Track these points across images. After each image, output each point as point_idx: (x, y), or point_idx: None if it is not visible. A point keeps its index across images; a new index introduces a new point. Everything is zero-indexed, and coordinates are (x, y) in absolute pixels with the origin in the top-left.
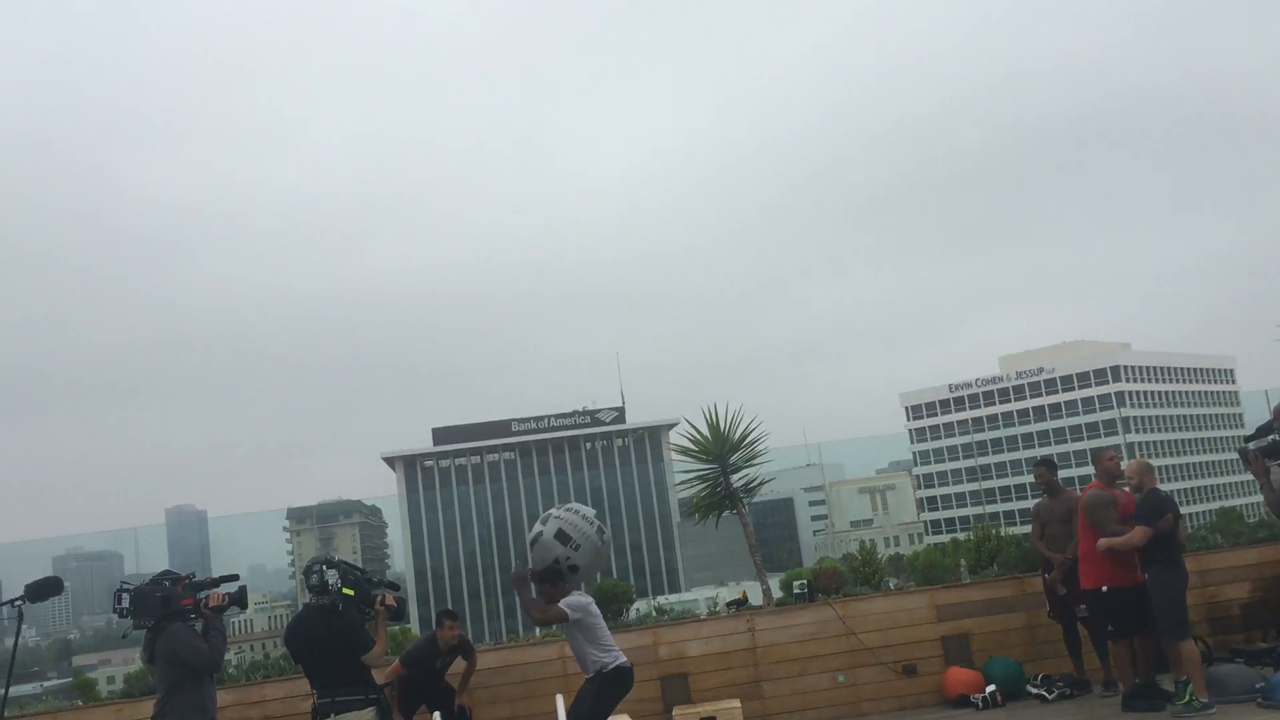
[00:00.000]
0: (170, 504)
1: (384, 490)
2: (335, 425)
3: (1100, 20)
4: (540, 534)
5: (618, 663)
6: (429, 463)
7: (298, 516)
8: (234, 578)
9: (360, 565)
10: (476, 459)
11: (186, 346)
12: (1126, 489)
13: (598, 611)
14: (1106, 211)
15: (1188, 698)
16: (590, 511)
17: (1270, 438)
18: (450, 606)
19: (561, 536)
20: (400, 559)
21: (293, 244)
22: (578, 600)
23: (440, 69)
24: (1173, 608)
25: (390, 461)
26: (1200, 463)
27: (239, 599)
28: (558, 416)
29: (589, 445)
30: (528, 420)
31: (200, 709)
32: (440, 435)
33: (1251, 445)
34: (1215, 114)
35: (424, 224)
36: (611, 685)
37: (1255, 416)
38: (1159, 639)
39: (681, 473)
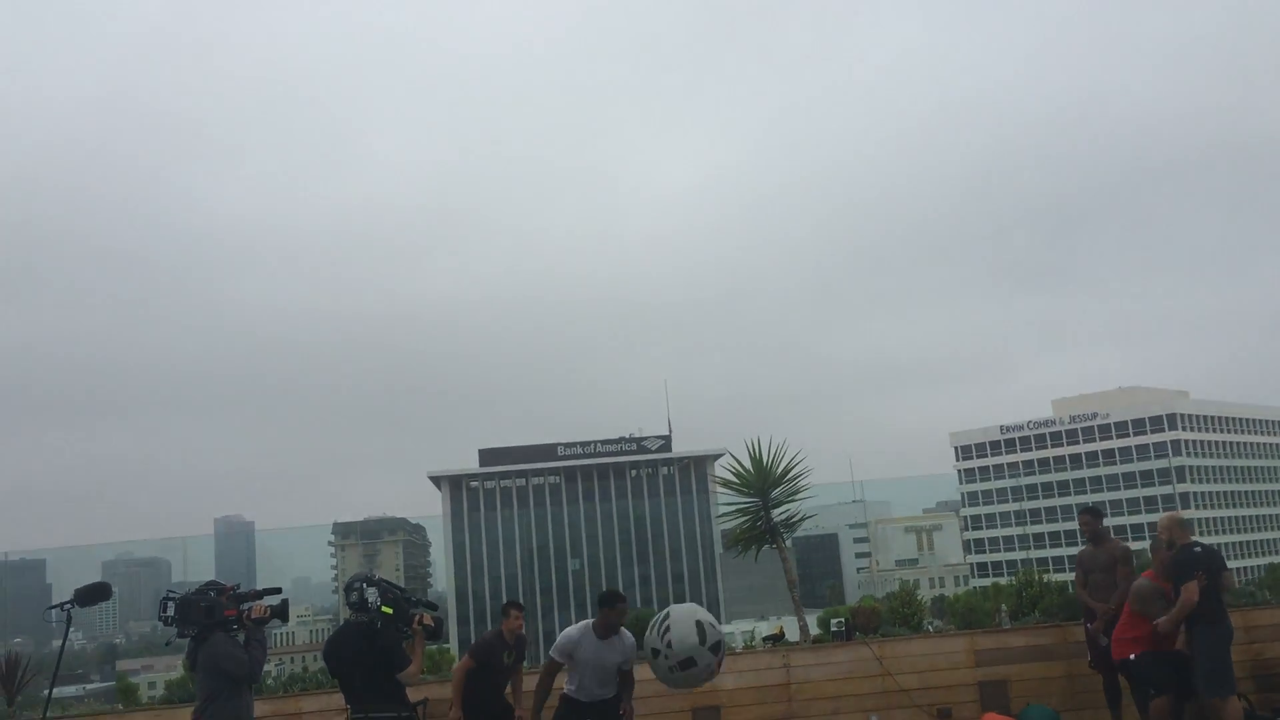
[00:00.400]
0: (219, 514)
1: (429, 509)
2: (383, 443)
3: (1173, 65)
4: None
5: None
6: (474, 483)
7: (343, 532)
8: (277, 590)
9: (402, 584)
10: (521, 481)
11: (242, 358)
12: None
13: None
14: (1168, 256)
15: None
16: (706, 617)
17: None
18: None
19: (708, 642)
20: (442, 578)
21: (351, 260)
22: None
23: (504, 88)
24: (1215, 663)
25: (436, 481)
26: (1257, 516)
27: (281, 612)
28: (604, 442)
29: (634, 473)
30: (574, 445)
31: (236, 718)
32: (486, 456)
33: None
34: (1266, 157)
35: (480, 243)
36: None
37: None
38: (1201, 698)
39: (724, 504)
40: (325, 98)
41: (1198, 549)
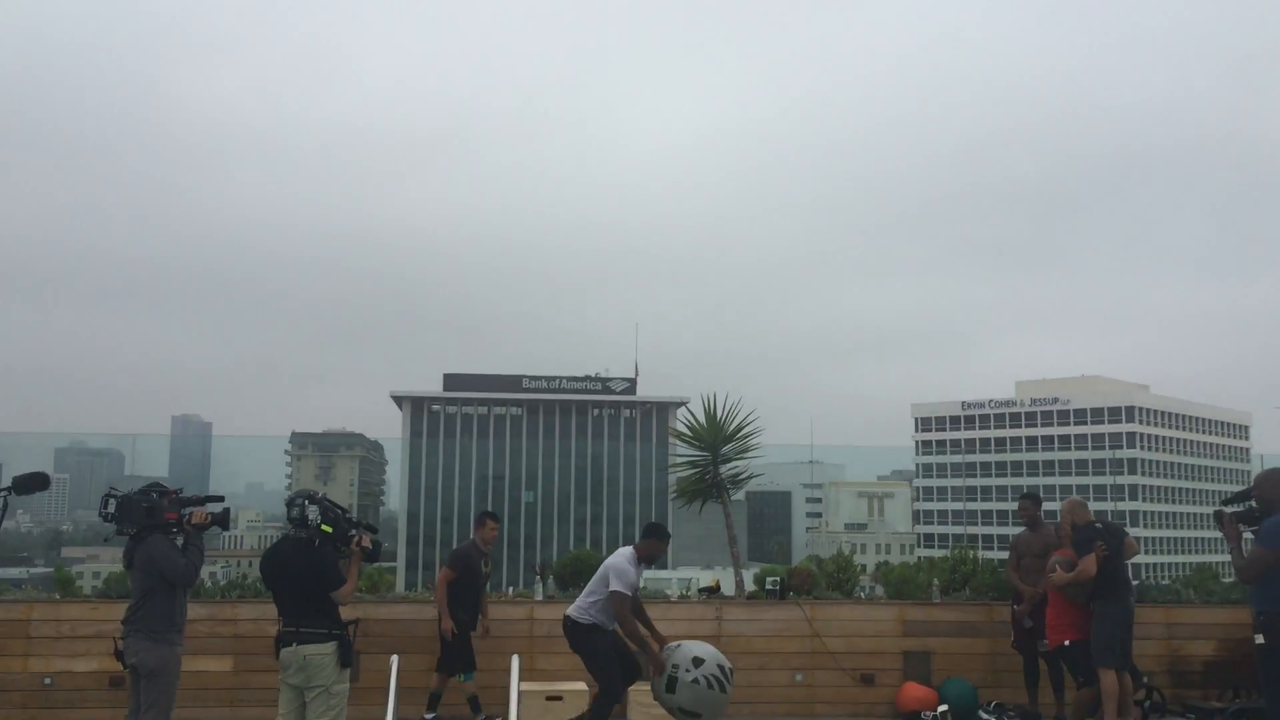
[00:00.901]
0: (177, 412)
1: (389, 429)
2: (349, 358)
3: (1167, 64)
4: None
5: None
6: (436, 407)
7: (300, 442)
8: (220, 499)
9: (355, 500)
10: (484, 410)
11: (213, 261)
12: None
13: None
14: (1145, 251)
15: None
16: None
17: (1248, 504)
18: (438, 552)
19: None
20: (396, 497)
21: (332, 174)
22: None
23: (503, 14)
24: (1102, 638)
25: (398, 400)
26: (1198, 514)
27: (222, 520)
28: (570, 379)
29: (596, 412)
30: (539, 379)
31: (169, 619)
32: (451, 381)
33: (1229, 509)
34: (1270, 169)
35: (464, 170)
36: None
37: None
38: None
39: (676, 455)
40: (317, 12)
41: (1098, 525)
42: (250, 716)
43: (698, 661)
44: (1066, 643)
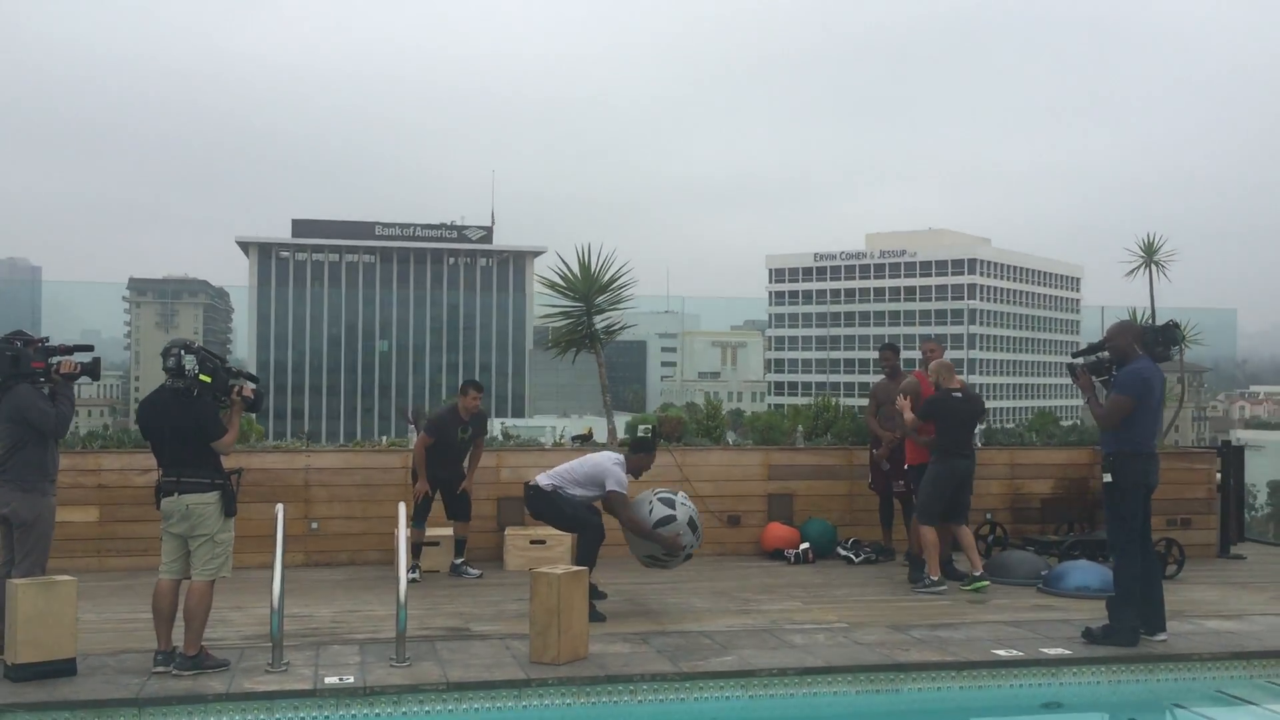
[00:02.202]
0: (1, 255)
1: (235, 276)
2: (191, 201)
3: None
4: (674, 519)
5: None
6: (285, 253)
7: (139, 288)
8: (89, 348)
9: (216, 353)
10: (335, 257)
11: (42, 93)
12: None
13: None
14: (992, 105)
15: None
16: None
17: (1097, 355)
18: (290, 402)
19: (692, 525)
20: (244, 347)
21: (173, 5)
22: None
23: None
24: (924, 495)
25: (244, 246)
26: (1033, 362)
27: (92, 370)
28: (424, 227)
29: (452, 260)
30: (392, 226)
31: (41, 470)
32: (300, 227)
33: (1080, 361)
34: (1117, 21)
35: (314, 4)
36: None
37: (1090, 327)
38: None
39: (545, 306)
40: None
41: (957, 394)
42: (118, 566)
43: (694, 526)
44: (906, 467)
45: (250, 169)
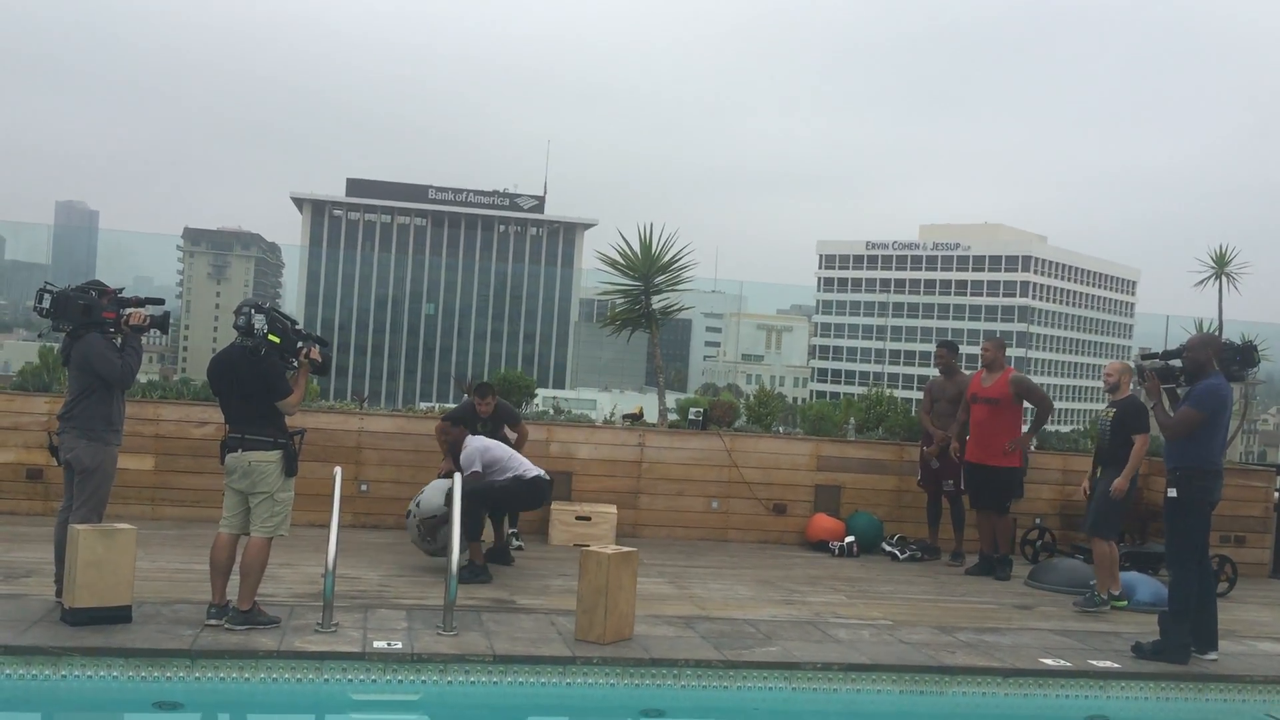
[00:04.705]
0: (61, 199)
1: (287, 232)
2: (247, 155)
3: None
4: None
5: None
6: (338, 212)
7: (193, 238)
8: (160, 301)
9: (289, 315)
10: (387, 218)
11: (102, 40)
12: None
13: (496, 450)
14: (1055, 106)
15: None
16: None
17: (1167, 363)
18: (335, 360)
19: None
20: (292, 302)
21: None
22: (472, 454)
23: None
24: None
25: (299, 203)
26: (1086, 364)
27: (161, 323)
28: (477, 193)
29: (503, 228)
30: (446, 190)
31: (107, 420)
32: (354, 187)
33: (1148, 365)
34: (1186, 23)
35: None
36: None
37: (1144, 333)
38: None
39: (600, 282)
40: None
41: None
42: (170, 515)
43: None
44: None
45: (308, 130)
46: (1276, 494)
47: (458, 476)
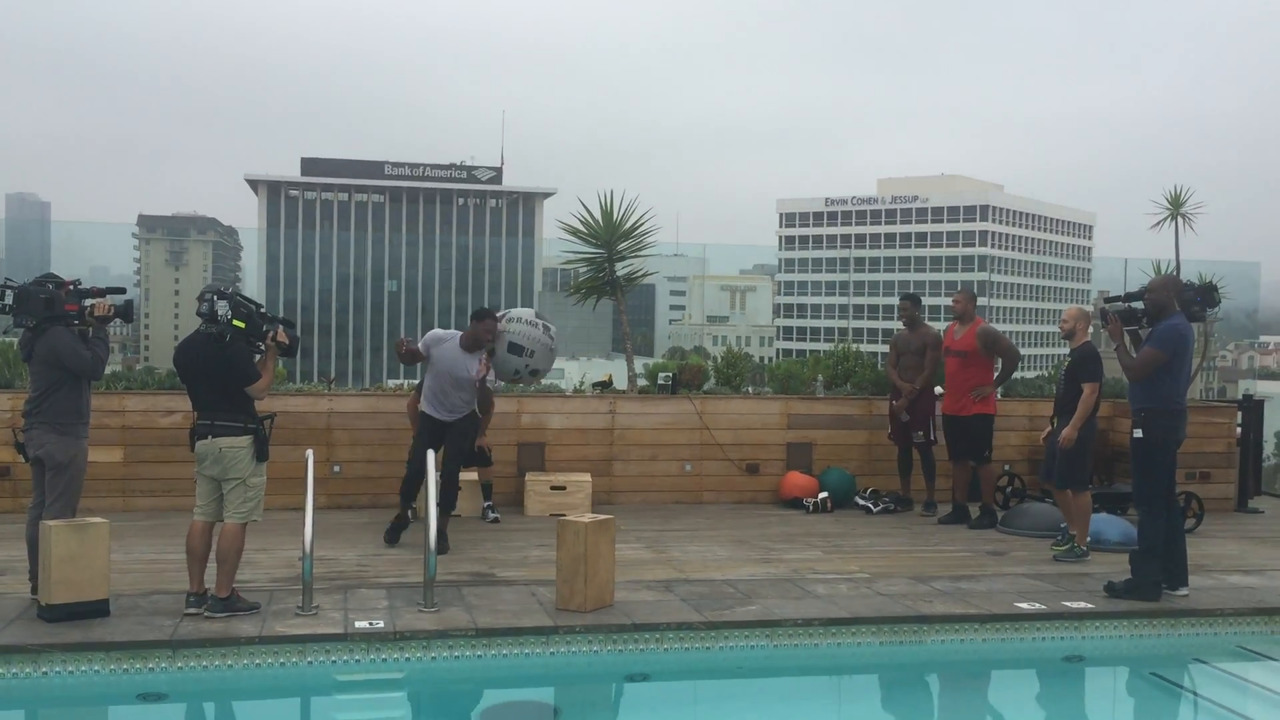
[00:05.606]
0: (10, 190)
1: (243, 215)
2: (199, 138)
3: None
4: (494, 353)
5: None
6: (294, 192)
7: (148, 225)
8: (121, 290)
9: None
10: (344, 196)
11: (50, 29)
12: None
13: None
14: (1008, 50)
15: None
16: (528, 313)
17: (1129, 305)
18: (300, 338)
19: (515, 349)
20: (252, 285)
21: None
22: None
23: None
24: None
25: (254, 184)
26: (1046, 309)
27: (125, 313)
28: (434, 167)
29: (461, 201)
30: (402, 165)
31: (77, 413)
32: (309, 166)
33: (1110, 307)
34: None
35: None
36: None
37: (1103, 276)
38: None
39: (564, 251)
40: None
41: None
42: (142, 506)
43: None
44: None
45: (260, 108)
46: (1238, 429)
47: (430, 454)
